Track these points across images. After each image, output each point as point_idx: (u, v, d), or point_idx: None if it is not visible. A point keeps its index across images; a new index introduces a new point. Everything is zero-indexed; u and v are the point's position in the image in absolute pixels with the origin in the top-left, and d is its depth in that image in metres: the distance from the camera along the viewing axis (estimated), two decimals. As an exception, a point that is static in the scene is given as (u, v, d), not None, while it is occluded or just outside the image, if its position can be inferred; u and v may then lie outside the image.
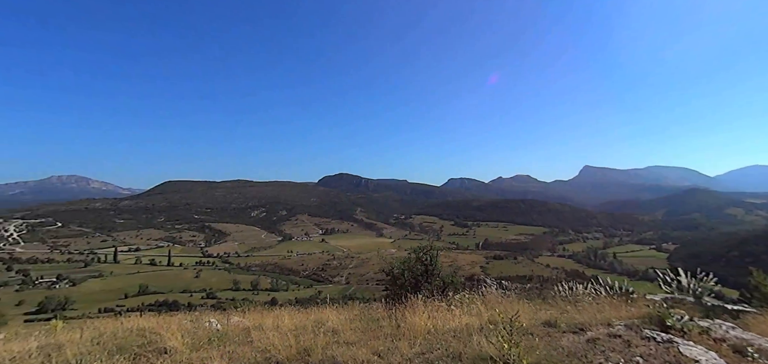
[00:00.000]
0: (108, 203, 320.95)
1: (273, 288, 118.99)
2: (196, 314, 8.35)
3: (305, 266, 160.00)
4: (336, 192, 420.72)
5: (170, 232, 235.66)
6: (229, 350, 5.03)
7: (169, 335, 5.68)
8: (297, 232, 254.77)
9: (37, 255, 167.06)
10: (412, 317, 6.17)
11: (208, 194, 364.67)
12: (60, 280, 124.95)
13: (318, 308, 8.91)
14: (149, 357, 4.94)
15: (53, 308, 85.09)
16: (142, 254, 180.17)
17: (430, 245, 10.39)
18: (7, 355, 5.35)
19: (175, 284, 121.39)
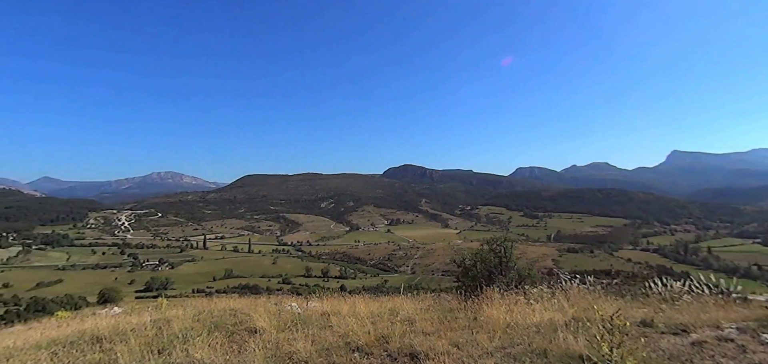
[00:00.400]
0: (198, 196, 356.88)
1: (342, 276, 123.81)
2: (278, 297, 8.91)
3: (372, 255, 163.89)
4: (401, 183, 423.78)
5: (250, 221, 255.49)
6: (311, 333, 5.29)
7: (257, 316, 6.14)
8: (363, 222, 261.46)
9: (143, 241, 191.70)
10: (489, 310, 6.00)
11: (282, 186, 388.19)
12: (161, 263, 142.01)
13: (391, 297, 9.02)
14: (242, 335, 5.39)
15: (157, 288, 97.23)
16: (227, 242, 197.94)
17: (504, 236, 10.01)
18: (128, 326, 6.18)
19: (255, 269, 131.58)
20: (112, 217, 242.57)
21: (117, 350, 5.00)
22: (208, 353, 4.61)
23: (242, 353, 4.59)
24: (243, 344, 5.06)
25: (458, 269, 10.22)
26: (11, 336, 7.59)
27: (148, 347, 5.08)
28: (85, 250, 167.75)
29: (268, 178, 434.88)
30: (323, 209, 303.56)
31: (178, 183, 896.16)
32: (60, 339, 5.91)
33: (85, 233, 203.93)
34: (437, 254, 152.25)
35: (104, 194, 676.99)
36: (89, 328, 6.65)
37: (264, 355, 4.49)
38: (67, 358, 4.97)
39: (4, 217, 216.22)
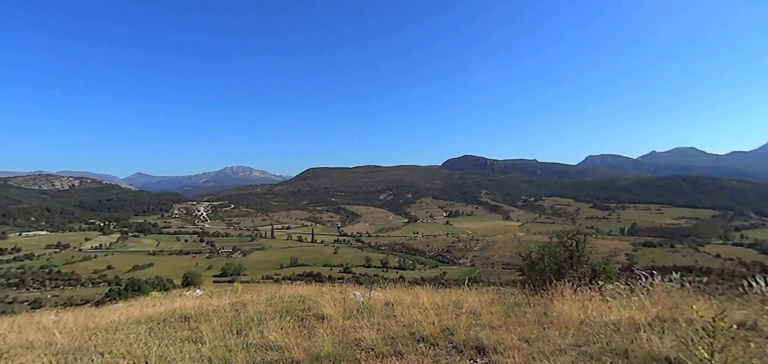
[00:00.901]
0: (265, 189, 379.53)
1: (401, 266, 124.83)
2: (342, 286, 9.20)
3: (430, 246, 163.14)
4: (460, 174, 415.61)
5: (313, 213, 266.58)
6: (375, 322, 5.40)
7: (324, 303, 6.39)
8: (422, 214, 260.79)
9: (219, 230, 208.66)
10: (561, 306, 5.69)
11: (342, 179, 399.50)
12: (234, 251, 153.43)
13: (453, 289, 8.91)
14: (311, 321, 5.66)
15: (231, 273, 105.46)
16: (292, 232, 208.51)
17: (575, 228, 9.42)
18: (210, 307, 6.77)
19: (317, 258, 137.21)
20: (193, 208, 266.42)
21: (202, 329, 5.49)
22: (281, 336, 4.89)
23: (312, 338, 4.81)
24: (312, 329, 5.31)
25: (524, 262, 9.84)
26: (116, 311, 8.66)
27: (228, 328, 5.52)
28: (170, 237, 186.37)
29: (330, 171, 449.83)
30: (382, 201, 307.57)
31: (248, 177, 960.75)
32: (155, 316, 6.64)
33: (170, 222, 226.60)
34: (498, 247, 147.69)
35: (186, 187, 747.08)
36: (178, 307, 7.40)
37: (332, 340, 4.66)
38: (161, 333, 5.56)
39: (107, 207, 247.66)
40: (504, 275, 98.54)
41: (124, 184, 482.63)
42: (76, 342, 5.30)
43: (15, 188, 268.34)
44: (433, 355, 4.23)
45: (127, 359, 4.33)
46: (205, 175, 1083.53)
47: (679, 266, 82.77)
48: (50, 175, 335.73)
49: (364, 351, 4.37)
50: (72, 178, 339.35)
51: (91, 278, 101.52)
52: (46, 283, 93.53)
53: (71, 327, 6.28)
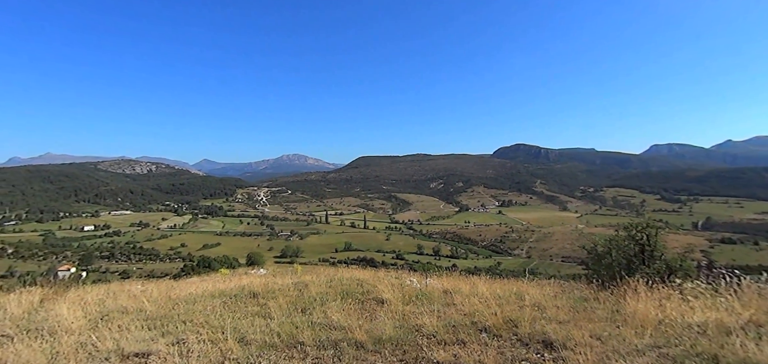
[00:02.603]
0: (320, 176, 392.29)
1: (453, 255, 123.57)
2: (398, 272, 9.29)
3: (483, 236, 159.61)
4: (513, 163, 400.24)
5: (365, 200, 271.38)
6: (435, 309, 5.40)
7: (382, 288, 6.51)
8: (473, 203, 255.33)
9: (277, 215, 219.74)
10: (635, 303, 5.31)
11: (393, 167, 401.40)
12: (292, 234, 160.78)
13: (512, 280, 8.65)
14: (371, 304, 5.79)
15: (289, 255, 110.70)
16: (345, 218, 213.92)
17: (647, 220, 8.71)
18: (275, 286, 7.17)
19: (370, 244, 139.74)
20: (254, 193, 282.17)
21: (269, 306, 5.84)
22: (343, 317, 5.05)
23: (374, 321, 4.92)
24: (373, 312, 5.43)
25: (589, 256, 9.28)
26: (192, 285, 9.47)
27: (293, 306, 5.81)
28: (235, 220, 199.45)
29: (380, 160, 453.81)
30: (432, 189, 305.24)
31: (303, 164, 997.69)
32: (226, 291, 7.19)
33: (234, 206, 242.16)
34: (555, 239, 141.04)
35: (247, 173, 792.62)
36: (246, 284, 7.93)
37: (393, 324, 4.74)
38: (234, 307, 6.00)
39: (179, 191, 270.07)
40: (563, 269, 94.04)
41: (193, 169, 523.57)
42: (161, 310, 5.87)
43: (103, 172, 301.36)
44: (497, 346, 4.15)
45: (205, 328, 4.71)
46: (265, 162, 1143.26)
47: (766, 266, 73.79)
48: (131, 161, 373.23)
49: (425, 337, 4.39)
50: (149, 163, 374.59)
51: (168, 254, 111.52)
52: (131, 257, 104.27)
53: (156, 297, 6.97)
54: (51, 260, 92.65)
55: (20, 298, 7.11)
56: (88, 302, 6.60)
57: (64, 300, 6.77)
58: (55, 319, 5.38)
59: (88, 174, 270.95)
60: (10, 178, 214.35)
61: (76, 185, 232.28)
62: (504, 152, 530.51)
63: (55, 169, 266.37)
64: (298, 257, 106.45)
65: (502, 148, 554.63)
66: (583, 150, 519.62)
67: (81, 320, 5.32)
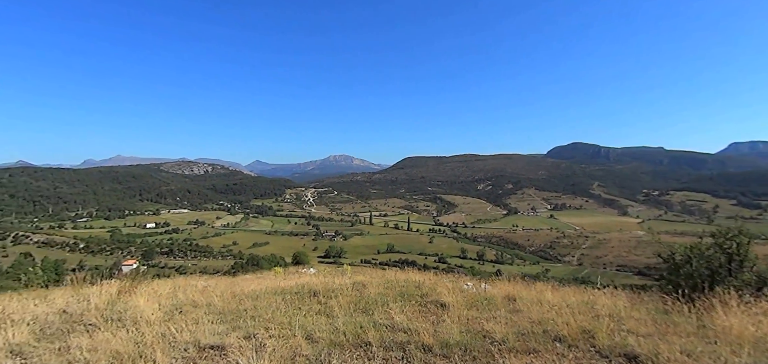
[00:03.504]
0: (365, 177, 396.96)
1: (498, 260, 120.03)
2: (454, 276, 9.08)
3: (531, 241, 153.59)
4: (568, 164, 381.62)
5: (409, 201, 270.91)
6: (501, 316, 5.17)
7: (442, 291, 6.37)
8: (523, 206, 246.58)
9: (323, 215, 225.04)
10: (726, 318, 4.78)
11: (439, 168, 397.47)
12: (337, 234, 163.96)
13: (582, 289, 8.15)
14: (432, 308, 5.67)
15: (333, 255, 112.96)
16: (389, 219, 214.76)
17: (739, 227, 7.87)
18: (334, 285, 7.25)
19: (412, 246, 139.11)
20: (301, 193, 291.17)
21: (331, 304, 5.90)
22: (407, 319, 4.98)
23: (439, 325, 4.79)
24: (435, 315, 5.30)
25: (665, 265, 8.54)
26: (251, 283, 9.85)
27: (354, 306, 5.82)
28: (283, 219, 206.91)
29: (426, 161, 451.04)
30: (480, 191, 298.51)
31: (349, 165, 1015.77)
32: (287, 289, 7.36)
33: (283, 205, 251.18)
34: (611, 246, 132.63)
35: (296, 174, 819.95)
36: (305, 283, 8.10)
37: (459, 329, 4.59)
38: (297, 304, 6.12)
39: (232, 191, 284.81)
40: (618, 278, 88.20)
41: (245, 170, 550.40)
42: (228, 305, 6.12)
43: (165, 173, 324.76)
44: (574, 357, 3.88)
45: (273, 325, 4.83)
46: (312, 163, 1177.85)
47: None
48: (190, 162, 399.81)
49: (494, 344, 4.20)
50: (206, 165, 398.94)
51: (221, 251, 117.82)
52: (188, 253, 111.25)
53: (222, 292, 7.28)
54: (117, 254, 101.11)
55: (101, 290, 7.76)
56: (161, 296, 7.04)
57: (139, 293, 7.27)
58: (134, 310, 5.77)
59: (151, 175, 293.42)
60: (84, 179, 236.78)
61: (141, 185, 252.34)
62: (559, 152, 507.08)
63: (123, 170, 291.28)
64: (341, 257, 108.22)
65: (557, 148, 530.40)
66: (649, 149, 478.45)
67: (157, 312, 5.66)
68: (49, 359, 4.03)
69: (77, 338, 4.56)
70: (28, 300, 7.73)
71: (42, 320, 5.59)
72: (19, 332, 4.86)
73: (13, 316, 5.88)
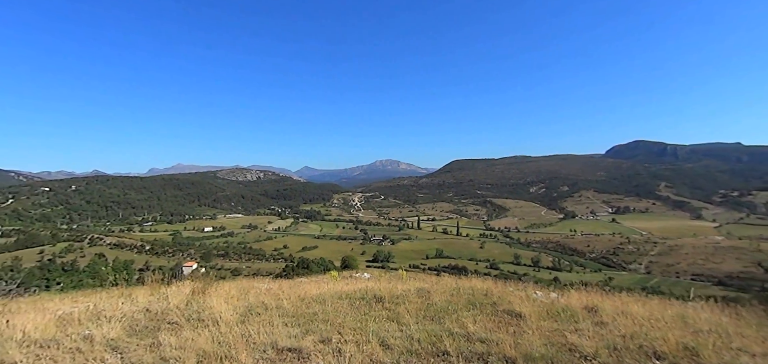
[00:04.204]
0: (412, 181, 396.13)
1: (555, 267, 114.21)
2: (519, 284, 8.64)
3: (591, 247, 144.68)
4: (630, 164, 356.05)
5: (458, 205, 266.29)
6: (586, 328, 4.78)
7: (514, 300, 6.04)
8: (581, 209, 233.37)
9: (370, 220, 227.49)
10: None
11: (488, 170, 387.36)
12: (384, 239, 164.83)
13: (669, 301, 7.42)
14: (505, 317, 5.36)
15: (381, 260, 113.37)
16: (437, 223, 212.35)
17: None
18: (397, 291, 7.14)
19: (462, 251, 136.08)
20: (349, 198, 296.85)
21: (398, 311, 5.79)
22: (481, 329, 4.75)
23: (518, 336, 4.51)
24: (511, 326, 5.00)
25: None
26: (312, 286, 10.01)
27: (422, 313, 5.66)
28: (331, 224, 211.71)
29: (475, 163, 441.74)
30: (533, 194, 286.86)
31: (395, 169, 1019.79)
32: (350, 293, 7.35)
33: (331, 210, 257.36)
34: (684, 253, 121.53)
35: (343, 179, 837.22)
36: (367, 288, 8.05)
37: (540, 341, 4.29)
38: (364, 308, 6.09)
39: (283, 196, 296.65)
40: (694, 288, 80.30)
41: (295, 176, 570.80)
42: (297, 308, 6.21)
43: (221, 179, 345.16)
44: (681, 378, 3.46)
45: (346, 329, 4.80)
46: (359, 168, 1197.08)
47: None
48: (244, 169, 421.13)
49: (584, 359, 3.87)
50: (258, 171, 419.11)
51: (272, 254, 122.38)
52: (242, 256, 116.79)
53: (288, 295, 7.42)
54: (178, 256, 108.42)
55: (178, 290, 8.26)
56: (232, 297, 7.32)
57: (210, 294, 7.63)
58: (210, 310, 6.03)
59: (208, 181, 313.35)
60: (149, 186, 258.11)
61: (199, 191, 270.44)
62: (619, 151, 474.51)
63: (183, 177, 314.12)
64: (388, 262, 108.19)
65: (617, 147, 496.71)
66: (724, 145, 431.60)
67: (232, 313, 5.86)
68: (143, 355, 4.28)
69: (164, 335, 4.83)
70: (114, 298, 8.40)
71: (129, 317, 6.01)
72: (114, 328, 5.25)
73: (105, 313, 6.39)
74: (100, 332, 5.04)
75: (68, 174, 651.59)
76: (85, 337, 4.91)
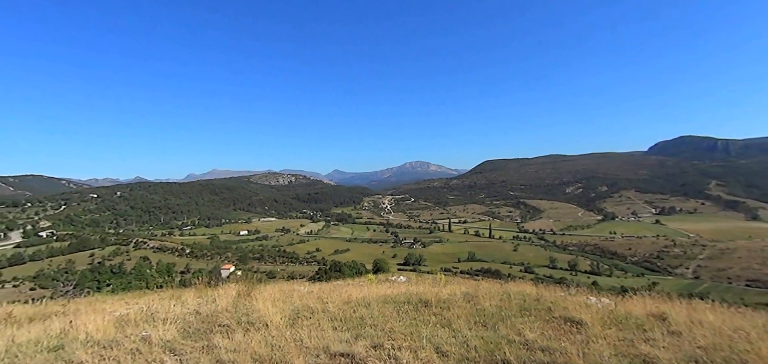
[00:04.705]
0: (442, 183, 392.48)
1: (593, 271, 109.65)
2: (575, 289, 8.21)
3: (633, 250, 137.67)
4: (675, 161, 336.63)
5: (490, 207, 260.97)
6: (658, 338, 4.41)
7: (570, 306, 5.71)
8: (621, 210, 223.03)
9: (401, 222, 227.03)
10: None
11: (521, 171, 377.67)
12: (415, 242, 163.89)
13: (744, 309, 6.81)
14: (564, 325, 5.04)
15: (412, 263, 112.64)
16: (469, 226, 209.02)
17: None
18: (442, 295, 6.94)
19: (495, 254, 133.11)
20: (379, 201, 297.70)
21: (447, 316, 5.59)
22: (540, 336, 4.48)
23: (584, 345, 4.21)
24: (573, 335, 4.69)
25: None
26: (350, 289, 9.96)
27: (473, 319, 5.43)
28: (362, 227, 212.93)
29: (507, 163, 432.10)
30: (569, 195, 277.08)
31: (425, 171, 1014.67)
32: (394, 297, 7.20)
33: (361, 213, 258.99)
34: (738, 256, 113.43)
35: (373, 182, 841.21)
36: (410, 291, 7.89)
37: (610, 351, 3.99)
38: (411, 313, 5.93)
39: (314, 199, 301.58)
40: (748, 295, 74.87)
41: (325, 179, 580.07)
42: (343, 312, 6.12)
43: (254, 184, 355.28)
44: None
45: (397, 335, 4.65)
46: (389, 170, 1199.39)
47: None
48: (276, 173, 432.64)
49: (663, 373, 3.54)
50: (290, 175, 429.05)
51: (305, 257, 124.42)
52: (276, 258, 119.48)
53: (332, 298, 7.37)
54: (216, 259, 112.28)
55: (224, 292, 8.44)
56: (276, 300, 7.35)
57: (255, 297, 7.71)
58: (257, 313, 6.06)
59: (242, 186, 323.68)
60: (187, 192, 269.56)
61: (234, 196, 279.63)
62: (663, 147, 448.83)
63: (218, 182, 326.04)
64: (420, 265, 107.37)
65: (661, 143, 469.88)
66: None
67: (279, 316, 5.86)
68: (199, 358, 4.33)
69: (217, 338, 4.88)
70: (165, 300, 8.69)
71: (181, 319, 6.14)
72: (168, 330, 5.37)
73: (158, 315, 6.58)
74: (156, 333, 5.16)
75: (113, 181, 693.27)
76: (142, 338, 5.05)
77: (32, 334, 5.89)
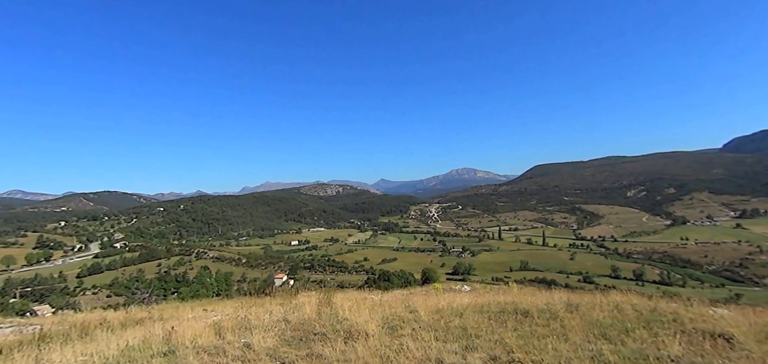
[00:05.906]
0: (490, 189, 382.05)
1: (663, 281, 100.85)
2: (695, 298, 7.33)
3: (710, 258, 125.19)
4: (756, 158, 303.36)
5: (542, 213, 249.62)
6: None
7: (705, 319, 5.01)
8: (693, 214, 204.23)
9: (448, 231, 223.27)
10: None
11: (576, 174, 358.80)
12: (464, 250, 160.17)
13: None
14: (708, 341, 4.34)
15: (462, 272, 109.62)
16: (520, 234, 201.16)
17: None
18: (539, 304, 6.44)
19: (550, 263, 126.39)
20: (426, 209, 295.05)
21: (556, 327, 5.12)
22: (687, 352, 3.91)
23: None
24: (721, 349, 4.07)
25: None
26: (424, 297, 9.67)
27: (589, 331, 4.91)
28: (409, 236, 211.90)
29: (559, 167, 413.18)
30: (630, 199, 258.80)
31: (472, 178, 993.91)
32: (484, 306, 6.78)
33: (408, 222, 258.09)
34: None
35: (419, 190, 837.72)
36: (501, 301, 7.44)
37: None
38: (514, 324, 5.49)
39: (361, 209, 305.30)
40: None
41: (372, 189, 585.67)
42: (436, 322, 5.84)
43: (304, 195, 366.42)
44: None
45: (514, 348, 4.26)
46: (435, 178, 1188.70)
47: None
48: (324, 184, 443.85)
49: None
50: (337, 186, 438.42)
51: (354, 266, 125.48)
52: (326, 268, 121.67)
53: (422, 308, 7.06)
54: (269, 269, 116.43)
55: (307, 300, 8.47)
56: (361, 308, 7.19)
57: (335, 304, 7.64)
58: (347, 322, 5.92)
59: (293, 197, 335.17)
60: (242, 204, 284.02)
61: (286, 207, 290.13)
62: (740, 144, 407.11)
63: (271, 195, 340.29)
64: (470, 274, 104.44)
65: (738, 139, 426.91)
66: None
67: (372, 324, 5.66)
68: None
69: (319, 346, 4.77)
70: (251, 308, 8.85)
71: (274, 326, 6.15)
72: (267, 337, 5.36)
73: (251, 322, 6.67)
74: (256, 340, 5.17)
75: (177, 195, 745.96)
76: (245, 345, 5.06)
77: (137, 338, 6.16)
